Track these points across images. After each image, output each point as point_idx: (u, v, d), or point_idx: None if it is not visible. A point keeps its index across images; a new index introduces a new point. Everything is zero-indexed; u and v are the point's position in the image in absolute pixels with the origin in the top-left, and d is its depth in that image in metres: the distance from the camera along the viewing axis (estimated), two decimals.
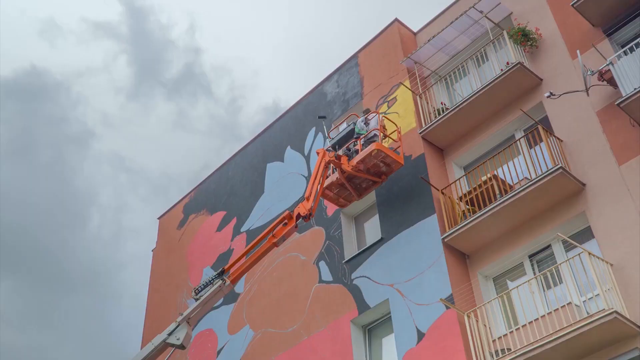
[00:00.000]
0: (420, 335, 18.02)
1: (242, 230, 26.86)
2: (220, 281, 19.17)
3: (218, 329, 24.86)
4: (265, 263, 24.29)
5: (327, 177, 20.99)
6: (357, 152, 20.73)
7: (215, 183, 30.49)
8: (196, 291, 19.23)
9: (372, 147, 20.18)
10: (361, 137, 20.93)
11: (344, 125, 22.40)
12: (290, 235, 20.14)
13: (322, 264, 22.42)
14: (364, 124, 21.31)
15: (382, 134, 21.17)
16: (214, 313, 25.39)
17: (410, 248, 19.79)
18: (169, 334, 18.64)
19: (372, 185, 21.25)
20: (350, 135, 21.38)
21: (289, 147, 27.18)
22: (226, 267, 19.52)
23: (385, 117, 22.09)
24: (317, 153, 20.91)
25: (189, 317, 18.83)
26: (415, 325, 18.31)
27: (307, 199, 19.79)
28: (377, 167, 20.62)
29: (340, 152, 21.11)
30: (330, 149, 21.61)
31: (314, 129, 26.36)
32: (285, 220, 19.83)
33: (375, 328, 20.34)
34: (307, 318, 21.64)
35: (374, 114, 21.81)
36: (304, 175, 25.27)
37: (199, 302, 18.97)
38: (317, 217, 23.68)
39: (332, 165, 20.74)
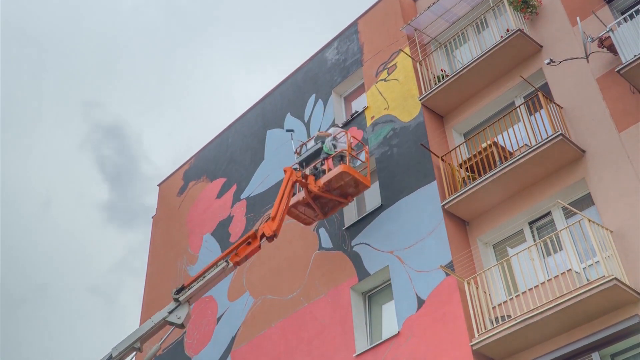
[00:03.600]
0: (420, 302, 18.10)
1: (242, 197, 26.87)
2: (225, 263, 19.23)
3: (218, 296, 24.95)
4: None
5: (294, 196, 20.84)
6: (324, 171, 20.59)
7: (215, 150, 30.45)
8: (176, 292, 19.15)
9: (339, 169, 20.01)
10: (329, 157, 20.77)
11: (312, 142, 22.18)
12: (253, 255, 20.02)
13: (322, 230, 22.47)
14: (332, 144, 21.09)
15: (349, 155, 20.88)
16: None
17: (410, 215, 19.82)
18: (170, 312, 18.76)
19: (338, 205, 21.07)
20: (317, 153, 21.16)
21: (288, 114, 27.12)
22: (186, 283, 19.38)
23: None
24: (285, 171, 20.50)
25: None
26: (415, 292, 18.39)
27: (273, 219, 19.54)
28: (343, 188, 20.46)
29: (307, 171, 20.87)
30: (297, 166, 21.35)
31: (313, 95, 26.29)
32: (250, 240, 19.74)
33: (375, 295, 20.42)
34: (307, 285, 21.71)
35: (342, 133, 21.57)
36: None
37: (200, 283, 19.04)
38: None
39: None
